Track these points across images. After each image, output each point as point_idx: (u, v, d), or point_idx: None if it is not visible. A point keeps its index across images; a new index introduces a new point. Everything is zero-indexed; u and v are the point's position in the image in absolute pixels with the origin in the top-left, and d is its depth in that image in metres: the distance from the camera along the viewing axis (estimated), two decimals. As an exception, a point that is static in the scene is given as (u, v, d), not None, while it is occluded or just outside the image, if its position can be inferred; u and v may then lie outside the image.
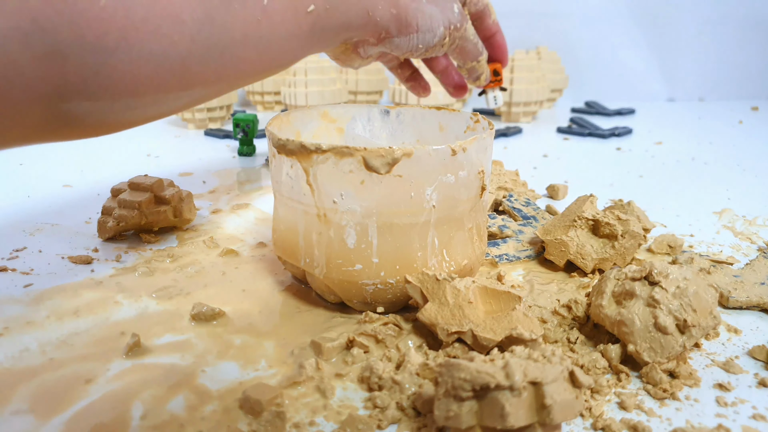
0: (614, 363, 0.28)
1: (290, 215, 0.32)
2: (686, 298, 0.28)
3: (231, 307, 0.34)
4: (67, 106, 0.26)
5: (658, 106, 1.11)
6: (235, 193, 0.56)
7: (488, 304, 0.29)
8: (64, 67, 0.25)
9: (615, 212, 0.38)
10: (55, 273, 0.38)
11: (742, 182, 0.60)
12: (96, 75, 0.26)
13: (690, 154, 0.72)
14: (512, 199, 0.50)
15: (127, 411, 0.25)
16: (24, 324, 0.32)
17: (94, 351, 0.30)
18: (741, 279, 0.36)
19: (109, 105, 0.28)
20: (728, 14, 1.19)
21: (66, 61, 0.25)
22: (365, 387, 0.27)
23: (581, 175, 0.62)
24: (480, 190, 0.32)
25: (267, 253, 0.42)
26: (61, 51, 0.24)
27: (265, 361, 0.29)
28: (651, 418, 0.25)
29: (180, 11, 0.28)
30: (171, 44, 0.28)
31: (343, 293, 0.32)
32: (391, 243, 0.30)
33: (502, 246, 0.42)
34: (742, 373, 0.28)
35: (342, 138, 0.40)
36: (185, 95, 0.31)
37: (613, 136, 0.82)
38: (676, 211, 0.51)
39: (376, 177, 0.29)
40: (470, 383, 0.21)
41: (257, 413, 0.24)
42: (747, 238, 0.44)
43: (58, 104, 0.26)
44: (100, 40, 0.25)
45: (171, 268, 0.39)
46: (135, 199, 0.43)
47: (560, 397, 0.21)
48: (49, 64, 0.24)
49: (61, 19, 0.24)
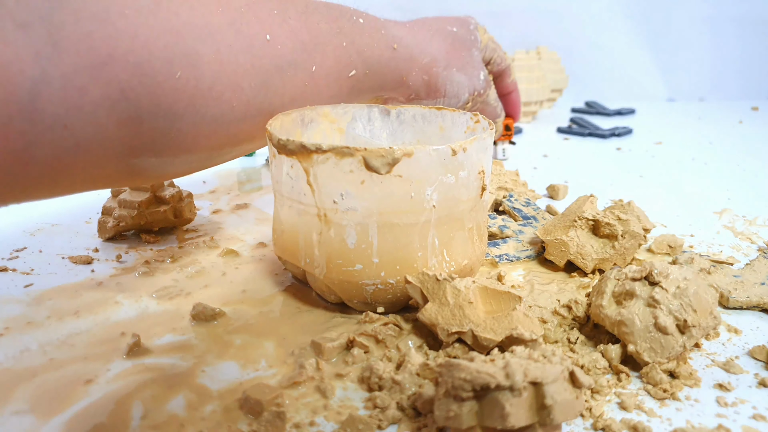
0: (614, 363, 0.28)
1: (290, 215, 0.32)
2: (686, 298, 0.28)
3: (231, 307, 0.34)
4: (135, 161, 0.29)
5: (658, 106, 1.11)
6: (235, 193, 0.56)
7: (488, 304, 0.29)
8: (139, 129, 0.27)
9: (615, 212, 0.38)
10: (56, 273, 0.38)
11: (742, 182, 0.60)
12: (164, 136, 0.29)
13: (690, 154, 0.72)
14: (512, 199, 0.50)
15: (127, 411, 0.25)
16: (24, 324, 0.32)
17: (94, 351, 0.30)
18: (741, 279, 0.36)
19: (171, 160, 0.31)
20: (728, 14, 1.19)
21: (142, 125, 0.27)
22: (365, 387, 0.27)
23: (581, 175, 0.62)
24: (480, 190, 0.32)
25: (267, 253, 0.42)
26: (140, 116, 0.27)
27: (265, 361, 0.29)
28: (651, 419, 0.25)
29: (241, 79, 0.31)
30: (230, 109, 0.31)
31: (344, 293, 0.32)
32: (391, 243, 0.30)
33: (503, 246, 0.42)
34: (742, 373, 0.28)
35: (342, 138, 0.40)
36: (235, 150, 0.35)
37: (613, 136, 0.82)
38: (676, 211, 0.50)
39: (376, 177, 0.29)
40: (470, 383, 0.21)
41: (257, 413, 0.24)
42: (747, 238, 0.44)
43: (128, 159, 0.28)
44: (172, 107, 0.28)
45: (171, 268, 0.39)
46: (135, 199, 0.43)
47: (561, 397, 0.21)
48: (128, 128, 0.27)
49: (144, 89, 0.26)
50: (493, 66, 0.56)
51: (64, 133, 0.24)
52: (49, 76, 0.23)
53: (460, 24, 0.51)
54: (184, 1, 0.28)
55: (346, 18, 0.39)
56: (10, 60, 0.22)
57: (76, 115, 0.24)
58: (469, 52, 0.50)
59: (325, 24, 0.37)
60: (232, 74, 0.30)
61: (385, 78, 0.43)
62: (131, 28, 0.25)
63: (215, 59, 0.29)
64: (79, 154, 0.25)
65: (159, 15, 0.27)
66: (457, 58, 0.49)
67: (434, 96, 0.48)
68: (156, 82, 0.27)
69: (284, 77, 0.34)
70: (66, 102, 0.24)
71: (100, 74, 0.25)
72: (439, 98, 0.49)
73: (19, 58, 0.22)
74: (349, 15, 0.39)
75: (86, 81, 0.24)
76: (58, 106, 0.24)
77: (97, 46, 0.24)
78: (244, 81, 0.31)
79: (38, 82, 0.23)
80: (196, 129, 0.30)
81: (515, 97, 0.61)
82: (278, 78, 0.33)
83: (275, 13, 0.33)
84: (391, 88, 0.45)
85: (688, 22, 1.19)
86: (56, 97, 0.23)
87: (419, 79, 0.46)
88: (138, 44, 0.26)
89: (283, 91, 0.34)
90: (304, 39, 0.35)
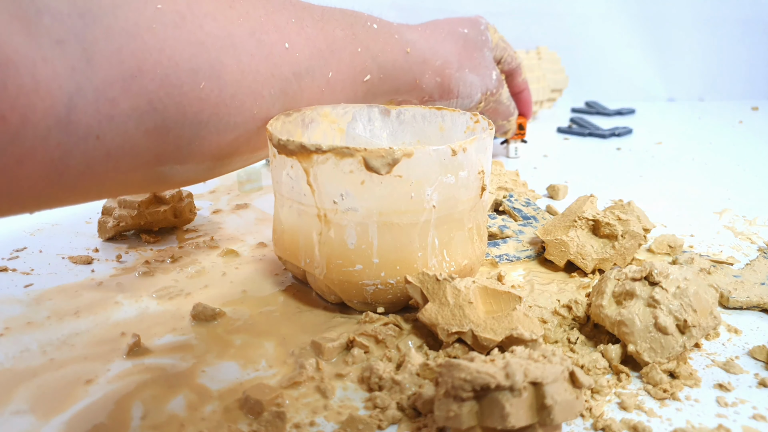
0: (614, 363, 0.28)
1: (290, 215, 0.32)
2: (686, 298, 0.28)
3: (231, 307, 0.34)
4: (161, 168, 0.30)
5: (658, 106, 1.11)
6: (235, 193, 0.56)
7: (488, 304, 0.29)
8: (166, 138, 0.28)
9: (615, 212, 0.38)
10: (56, 273, 0.38)
11: (742, 182, 0.60)
12: (189, 144, 0.30)
13: (690, 154, 0.72)
14: (512, 199, 0.50)
15: (127, 411, 0.25)
16: (24, 324, 0.32)
17: (94, 351, 0.30)
18: (741, 279, 0.36)
19: (195, 167, 0.32)
20: (728, 14, 1.19)
21: (168, 134, 0.28)
22: (365, 387, 0.27)
23: (581, 175, 0.62)
24: (480, 190, 0.32)
25: (267, 253, 0.42)
26: (166, 126, 0.28)
27: (265, 361, 0.29)
28: (651, 419, 0.25)
29: (261, 88, 0.32)
30: (251, 116, 0.32)
31: (344, 293, 0.32)
32: (391, 243, 0.30)
33: (503, 246, 0.42)
34: (742, 373, 0.28)
35: (342, 138, 0.40)
36: (254, 157, 0.36)
37: (613, 136, 0.82)
38: (676, 211, 0.50)
39: (376, 177, 0.29)
40: (470, 383, 0.21)
41: (257, 413, 0.24)
42: (747, 238, 0.44)
43: (155, 167, 0.29)
44: (197, 116, 0.29)
45: (171, 268, 0.39)
46: (135, 199, 0.43)
47: (561, 397, 0.21)
48: (155, 137, 0.28)
49: (171, 100, 0.27)
50: (504, 65, 0.56)
51: (97, 143, 0.25)
52: (84, 90, 0.24)
53: (470, 25, 0.51)
54: (208, 14, 0.29)
55: (361, 24, 0.40)
56: (49, 76, 0.23)
57: (108, 126, 0.25)
58: (481, 52, 0.51)
59: (341, 31, 0.37)
60: (253, 82, 0.31)
61: (399, 81, 0.44)
62: (158, 42, 0.27)
63: (237, 69, 0.30)
64: (109, 163, 0.27)
65: (184, 28, 0.28)
66: (469, 59, 0.49)
67: (447, 97, 0.49)
68: (182, 92, 0.28)
69: (302, 84, 0.35)
70: (98, 114, 0.25)
71: (130, 86, 0.26)
72: (452, 99, 0.49)
73: (57, 73, 0.23)
74: (363, 21, 0.40)
75: (117, 93, 0.25)
76: (91, 118, 0.25)
77: (127, 60, 0.25)
78: (264, 89, 0.32)
79: (74, 95, 0.24)
80: (219, 137, 0.31)
81: (527, 96, 0.62)
82: (296, 85, 0.34)
83: (293, 21, 0.34)
84: (405, 91, 0.45)
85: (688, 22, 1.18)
86: (90, 109, 0.24)
87: (432, 82, 0.46)
88: (165, 57, 0.27)
89: (301, 98, 0.35)
90: (320, 46, 0.35)
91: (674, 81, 1.21)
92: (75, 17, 0.24)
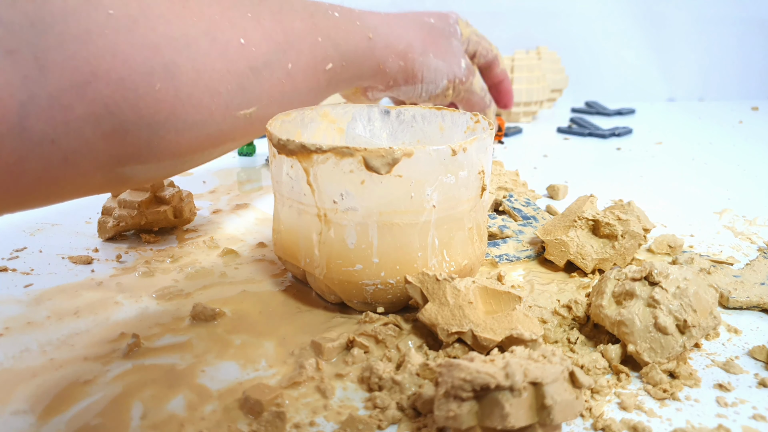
0: (614, 363, 0.28)
1: (290, 215, 0.32)
2: (686, 298, 0.28)
3: (231, 307, 0.34)
4: (122, 169, 0.30)
5: (658, 106, 1.11)
6: (235, 193, 0.56)
7: (488, 304, 0.29)
8: (124, 140, 0.28)
9: (615, 212, 0.38)
10: (56, 273, 0.38)
11: (742, 182, 0.60)
12: (148, 144, 0.30)
13: (690, 154, 0.72)
14: (512, 199, 0.50)
15: (127, 411, 0.25)
16: (24, 324, 0.32)
17: (94, 351, 0.30)
18: (741, 279, 0.36)
19: (156, 166, 0.32)
20: (729, 14, 1.19)
21: (126, 136, 0.28)
22: (365, 387, 0.27)
23: (581, 175, 0.62)
24: (480, 190, 0.32)
25: (267, 253, 0.42)
26: (124, 128, 0.28)
27: (265, 361, 0.29)
28: (651, 419, 0.25)
29: (218, 84, 0.32)
30: (209, 114, 0.32)
31: (344, 293, 0.32)
32: (391, 243, 0.30)
33: (502, 246, 0.42)
34: (742, 373, 0.28)
35: (342, 138, 0.40)
36: (217, 151, 0.36)
37: (613, 136, 0.82)
38: (676, 211, 0.50)
39: (376, 177, 0.29)
40: (470, 383, 0.21)
41: (257, 413, 0.24)
42: (747, 238, 0.44)
43: (115, 168, 0.30)
44: (154, 117, 0.29)
45: (171, 268, 0.39)
46: (135, 199, 0.43)
47: (560, 397, 0.21)
48: (113, 140, 0.28)
49: (127, 103, 0.28)
50: (479, 58, 0.56)
51: (52, 147, 0.26)
52: (37, 97, 0.24)
53: (438, 17, 0.52)
54: (161, 15, 0.29)
55: (321, 13, 0.40)
56: None
57: (63, 131, 0.26)
58: (448, 40, 0.51)
59: (300, 22, 0.37)
60: (209, 80, 0.31)
61: (363, 67, 0.44)
62: (111, 46, 0.27)
63: (192, 68, 0.30)
64: (67, 167, 0.27)
65: (137, 32, 0.28)
66: (433, 45, 0.49)
67: (412, 82, 0.49)
68: (137, 95, 0.28)
69: (260, 78, 0.34)
70: (53, 120, 0.25)
71: (85, 92, 0.26)
72: (417, 84, 0.49)
73: (8, 82, 0.23)
74: (324, 10, 0.40)
75: (72, 99, 0.26)
76: (45, 124, 0.25)
77: (80, 66, 0.26)
78: (221, 86, 0.32)
79: (26, 103, 0.24)
80: (178, 136, 0.31)
81: (506, 86, 0.62)
82: (254, 79, 0.34)
83: (249, 16, 0.34)
84: (369, 77, 0.45)
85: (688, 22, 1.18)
86: (44, 116, 0.25)
87: (396, 65, 0.46)
88: (118, 61, 0.27)
89: (260, 92, 0.35)
90: (278, 39, 0.36)
91: (674, 81, 1.21)
92: (26, 27, 0.24)
